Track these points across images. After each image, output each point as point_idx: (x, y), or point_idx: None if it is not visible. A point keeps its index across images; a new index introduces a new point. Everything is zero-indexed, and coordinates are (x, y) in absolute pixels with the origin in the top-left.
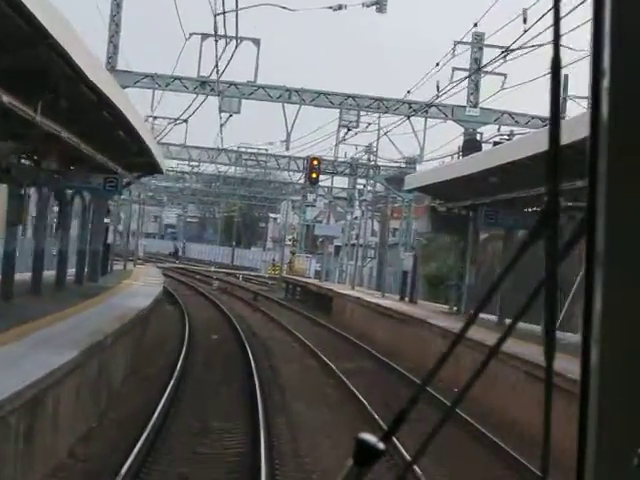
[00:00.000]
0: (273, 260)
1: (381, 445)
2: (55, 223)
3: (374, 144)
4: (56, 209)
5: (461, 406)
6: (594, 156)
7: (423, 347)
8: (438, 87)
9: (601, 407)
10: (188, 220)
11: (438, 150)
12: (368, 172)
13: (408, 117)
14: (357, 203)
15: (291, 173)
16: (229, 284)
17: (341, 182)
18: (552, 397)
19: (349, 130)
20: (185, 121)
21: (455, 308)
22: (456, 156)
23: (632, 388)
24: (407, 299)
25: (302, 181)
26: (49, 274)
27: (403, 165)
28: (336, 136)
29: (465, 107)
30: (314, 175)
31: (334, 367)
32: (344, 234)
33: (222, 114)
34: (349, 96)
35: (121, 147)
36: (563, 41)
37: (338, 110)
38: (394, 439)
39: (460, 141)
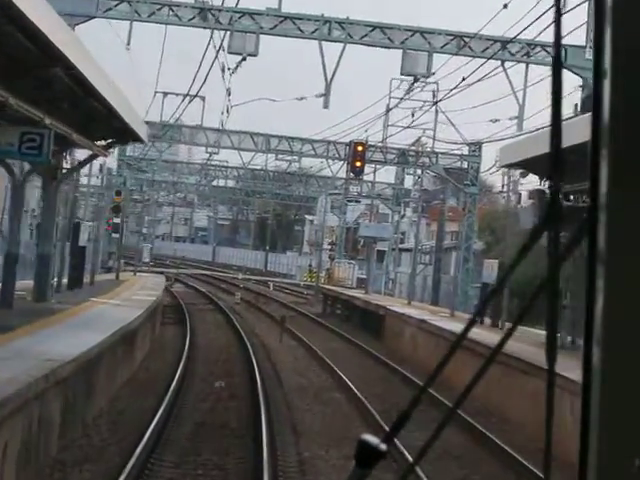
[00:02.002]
0: (309, 266)
1: (383, 446)
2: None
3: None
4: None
5: None
6: (596, 155)
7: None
8: None
9: (603, 408)
10: (219, 223)
11: (535, 117)
12: (417, 161)
13: (502, 62)
14: (407, 199)
15: (330, 163)
16: (257, 295)
17: (383, 177)
18: (554, 399)
19: (416, 80)
20: (199, 97)
21: (569, 339)
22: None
23: (634, 389)
24: (489, 322)
25: (342, 174)
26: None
27: (465, 152)
28: (388, 100)
29: (584, 48)
30: (358, 164)
31: (407, 453)
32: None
33: (230, 56)
34: (415, 31)
35: (51, 88)
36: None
37: (400, 52)
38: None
39: (577, 98)
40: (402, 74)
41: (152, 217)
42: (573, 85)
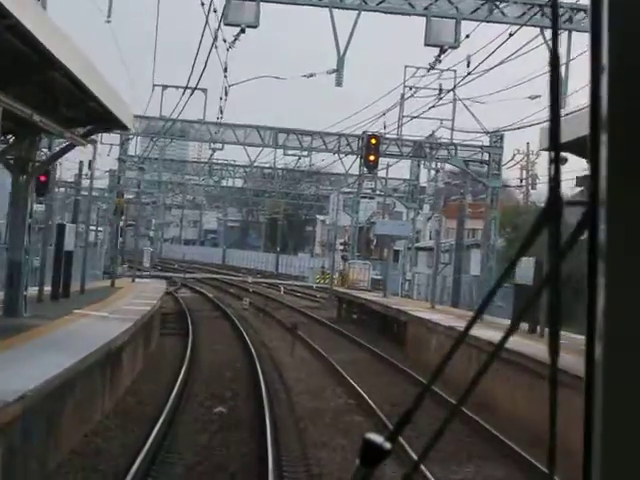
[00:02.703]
0: (322, 267)
1: (387, 445)
2: None
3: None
4: None
5: None
6: (595, 150)
7: None
8: None
9: (606, 403)
10: (229, 225)
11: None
12: (436, 153)
13: (541, 29)
14: (425, 195)
15: (342, 157)
16: (268, 299)
17: (396, 174)
18: (557, 395)
19: (443, 52)
20: (200, 89)
21: None
22: None
23: (637, 383)
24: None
25: (353, 171)
26: None
27: (485, 143)
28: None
29: None
30: (372, 157)
31: None
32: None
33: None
34: None
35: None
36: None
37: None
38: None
39: None
40: (426, 44)
41: (160, 220)
42: None
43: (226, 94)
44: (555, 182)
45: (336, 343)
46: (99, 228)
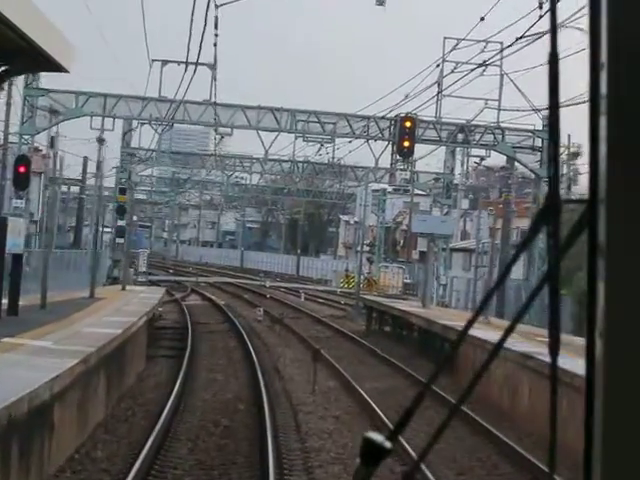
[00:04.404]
0: (346, 270)
1: (388, 444)
2: None
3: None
4: None
5: None
6: (594, 148)
7: None
8: None
9: (607, 402)
10: (248, 226)
11: None
12: (472, 137)
13: None
14: (469, 186)
15: (369, 141)
16: (286, 308)
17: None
18: (557, 394)
19: None
20: (206, 65)
21: None
22: None
23: (636, 380)
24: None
25: (382, 162)
26: None
27: (537, 127)
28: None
29: None
30: (406, 143)
31: None
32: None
33: None
34: None
35: None
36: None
37: None
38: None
39: None
40: None
41: (175, 220)
42: None
43: (216, 27)
44: (554, 180)
45: (368, 366)
46: (108, 230)
